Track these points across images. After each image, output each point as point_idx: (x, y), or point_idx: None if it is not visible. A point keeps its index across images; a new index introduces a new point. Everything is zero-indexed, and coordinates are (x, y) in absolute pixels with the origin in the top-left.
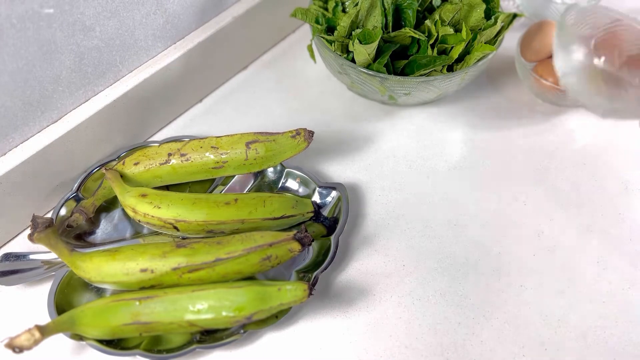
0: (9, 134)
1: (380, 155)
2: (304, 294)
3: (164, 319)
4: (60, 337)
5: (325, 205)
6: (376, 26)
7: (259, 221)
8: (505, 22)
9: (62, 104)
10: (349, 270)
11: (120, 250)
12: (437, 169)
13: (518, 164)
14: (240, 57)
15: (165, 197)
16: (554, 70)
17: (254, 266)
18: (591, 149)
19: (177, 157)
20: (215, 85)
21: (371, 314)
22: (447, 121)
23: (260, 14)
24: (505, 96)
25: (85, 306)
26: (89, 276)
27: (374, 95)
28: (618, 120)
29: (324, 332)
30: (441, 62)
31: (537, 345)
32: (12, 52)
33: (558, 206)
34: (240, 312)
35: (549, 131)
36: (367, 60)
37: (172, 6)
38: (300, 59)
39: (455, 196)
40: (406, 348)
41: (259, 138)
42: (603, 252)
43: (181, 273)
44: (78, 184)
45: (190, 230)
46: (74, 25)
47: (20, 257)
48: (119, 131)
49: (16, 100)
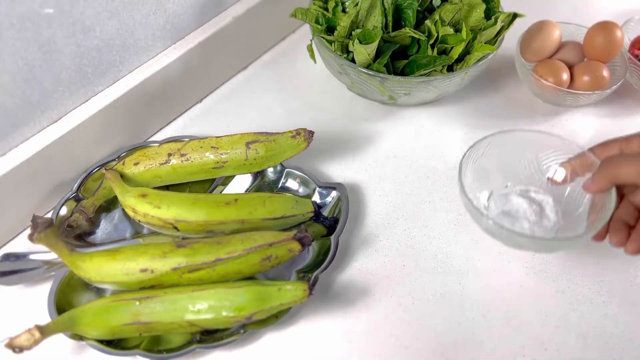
0: (9, 134)
1: (380, 155)
2: (304, 294)
3: (164, 319)
4: (60, 337)
5: (325, 205)
6: (376, 26)
7: (259, 221)
8: (505, 22)
9: (62, 104)
10: (349, 270)
11: (120, 250)
12: (437, 169)
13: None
14: (240, 57)
15: (165, 197)
16: (554, 70)
17: (254, 266)
18: None
19: (177, 157)
20: (215, 85)
21: (371, 314)
22: (447, 121)
23: (260, 14)
24: (505, 96)
25: (85, 306)
26: (89, 276)
27: (374, 95)
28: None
29: (324, 332)
30: (441, 62)
31: (537, 345)
32: (12, 52)
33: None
34: (240, 312)
35: (549, 131)
36: (367, 60)
37: (172, 6)
38: (300, 59)
39: (455, 196)
40: (406, 348)
41: (259, 138)
42: (603, 252)
43: (181, 273)
44: (78, 184)
45: (190, 230)
46: (74, 25)
47: (20, 257)
48: (119, 131)
49: (16, 100)
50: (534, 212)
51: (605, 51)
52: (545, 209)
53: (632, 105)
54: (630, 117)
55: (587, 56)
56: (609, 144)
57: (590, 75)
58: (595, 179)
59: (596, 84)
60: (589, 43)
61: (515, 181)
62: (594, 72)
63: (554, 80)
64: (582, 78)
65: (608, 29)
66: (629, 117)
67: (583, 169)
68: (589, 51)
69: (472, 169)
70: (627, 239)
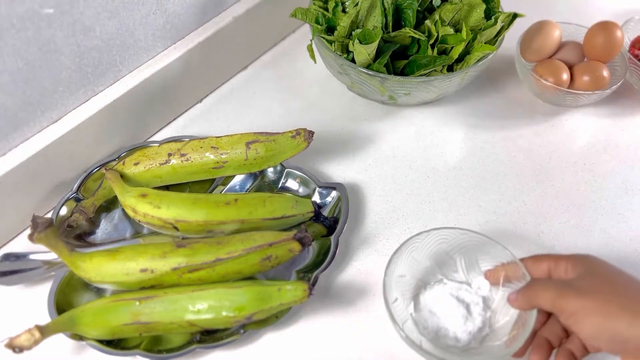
0: (9, 134)
1: (380, 155)
2: (304, 294)
3: (164, 319)
4: (60, 337)
5: (325, 205)
6: (376, 26)
7: (259, 221)
8: (505, 22)
9: (62, 104)
10: (349, 270)
11: (120, 250)
12: (437, 169)
13: (518, 164)
14: (240, 57)
15: (165, 197)
16: (554, 70)
17: (254, 266)
18: (591, 149)
19: (177, 157)
20: (215, 85)
21: (371, 314)
22: (447, 121)
23: (260, 14)
24: (505, 96)
25: (85, 306)
26: (89, 276)
27: (374, 95)
28: (617, 120)
29: (324, 332)
30: (441, 62)
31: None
32: (12, 52)
33: (558, 206)
34: (240, 312)
35: (549, 131)
36: (367, 60)
37: (172, 6)
38: (300, 59)
39: (455, 196)
40: (406, 348)
41: (259, 138)
42: (603, 252)
43: (181, 273)
44: (78, 184)
45: (190, 230)
46: (74, 25)
47: (20, 257)
48: (119, 131)
49: (16, 100)
50: (460, 315)
51: (605, 51)
52: (473, 312)
53: (632, 105)
54: (630, 117)
55: (587, 56)
56: (540, 260)
57: (590, 75)
58: (518, 297)
59: (596, 84)
60: (589, 43)
61: (447, 277)
62: (594, 72)
63: (554, 80)
64: (582, 78)
65: (608, 29)
66: (629, 117)
67: (514, 278)
68: (589, 51)
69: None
70: (547, 359)
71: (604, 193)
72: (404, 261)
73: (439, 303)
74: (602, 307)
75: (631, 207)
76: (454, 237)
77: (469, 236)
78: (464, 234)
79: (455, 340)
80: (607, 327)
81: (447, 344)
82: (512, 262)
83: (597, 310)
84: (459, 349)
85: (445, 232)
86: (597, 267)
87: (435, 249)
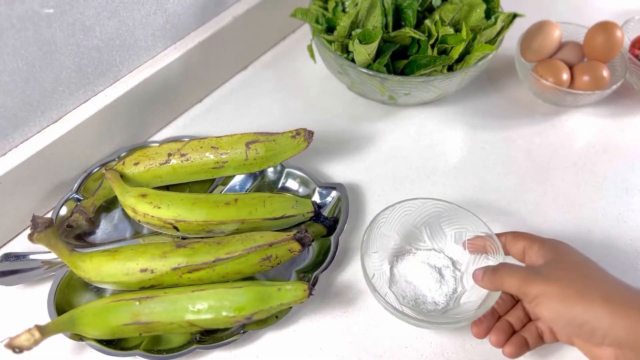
0: (9, 134)
1: (380, 155)
2: (304, 294)
3: (164, 319)
4: (60, 337)
5: (325, 205)
6: (376, 26)
7: (259, 221)
8: (505, 22)
9: (62, 104)
10: (349, 270)
11: (120, 250)
12: (437, 168)
13: (518, 164)
14: (240, 57)
15: (165, 197)
16: (554, 70)
17: (254, 266)
18: (591, 149)
19: (177, 157)
20: (215, 85)
21: (371, 314)
22: (447, 121)
23: (260, 14)
24: (505, 96)
25: (85, 306)
26: (88, 276)
27: (374, 95)
28: (617, 120)
29: (324, 332)
30: (441, 62)
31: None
32: (12, 52)
33: (558, 206)
34: (240, 312)
35: (549, 131)
36: (367, 60)
37: (172, 6)
38: (300, 59)
39: (454, 196)
40: (406, 348)
41: (259, 138)
42: (603, 252)
43: (181, 273)
44: (78, 184)
45: (190, 230)
46: (74, 25)
47: (20, 257)
48: (119, 131)
49: (16, 100)
50: (434, 279)
51: (605, 51)
52: (445, 275)
53: (632, 105)
54: (630, 117)
55: (587, 56)
56: (518, 237)
57: (590, 75)
58: (484, 277)
59: (596, 84)
60: (589, 43)
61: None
62: (594, 72)
63: (554, 80)
64: (582, 78)
65: (608, 29)
66: (629, 117)
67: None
68: (589, 51)
69: (376, 238)
70: (506, 341)
71: (604, 193)
72: (375, 237)
73: (412, 272)
74: (562, 292)
75: (631, 207)
76: (415, 207)
77: (431, 204)
78: (425, 202)
79: (434, 304)
80: (564, 312)
81: (427, 309)
82: (489, 235)
83: (557, 295)
84: (439, 311)
85: (408, 204)
86: (566, 254)
87: (401, 221)
